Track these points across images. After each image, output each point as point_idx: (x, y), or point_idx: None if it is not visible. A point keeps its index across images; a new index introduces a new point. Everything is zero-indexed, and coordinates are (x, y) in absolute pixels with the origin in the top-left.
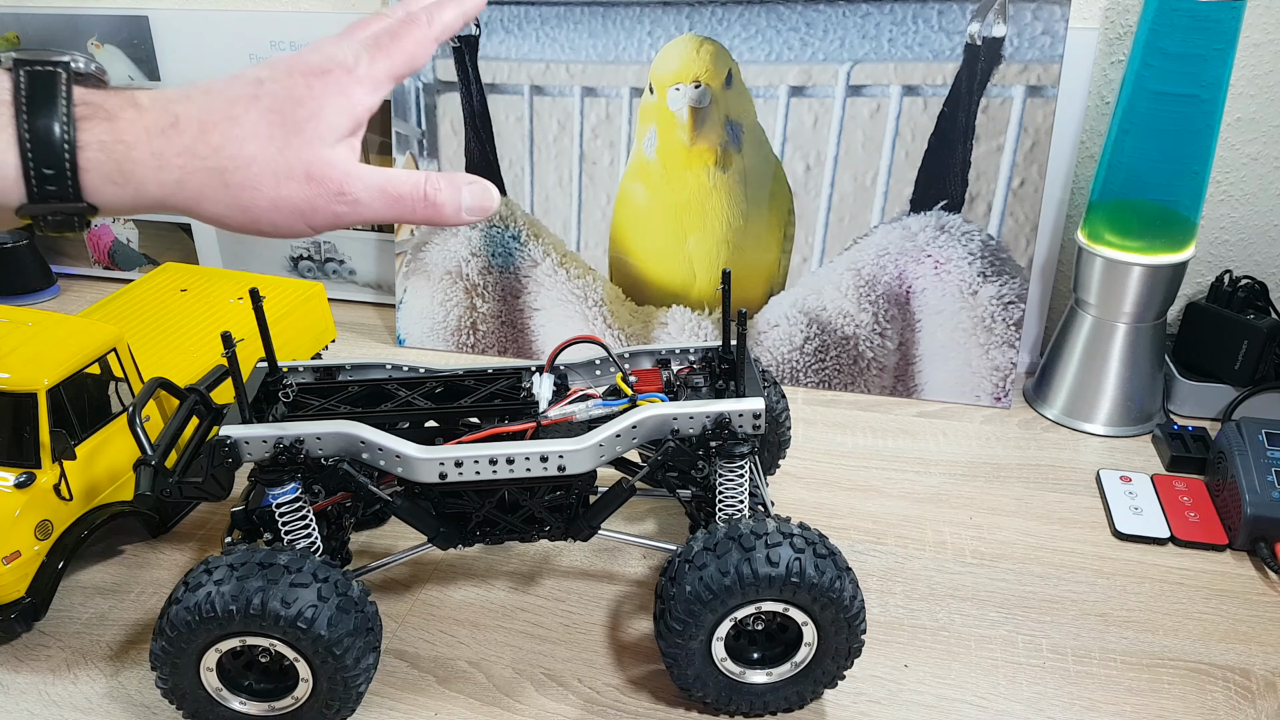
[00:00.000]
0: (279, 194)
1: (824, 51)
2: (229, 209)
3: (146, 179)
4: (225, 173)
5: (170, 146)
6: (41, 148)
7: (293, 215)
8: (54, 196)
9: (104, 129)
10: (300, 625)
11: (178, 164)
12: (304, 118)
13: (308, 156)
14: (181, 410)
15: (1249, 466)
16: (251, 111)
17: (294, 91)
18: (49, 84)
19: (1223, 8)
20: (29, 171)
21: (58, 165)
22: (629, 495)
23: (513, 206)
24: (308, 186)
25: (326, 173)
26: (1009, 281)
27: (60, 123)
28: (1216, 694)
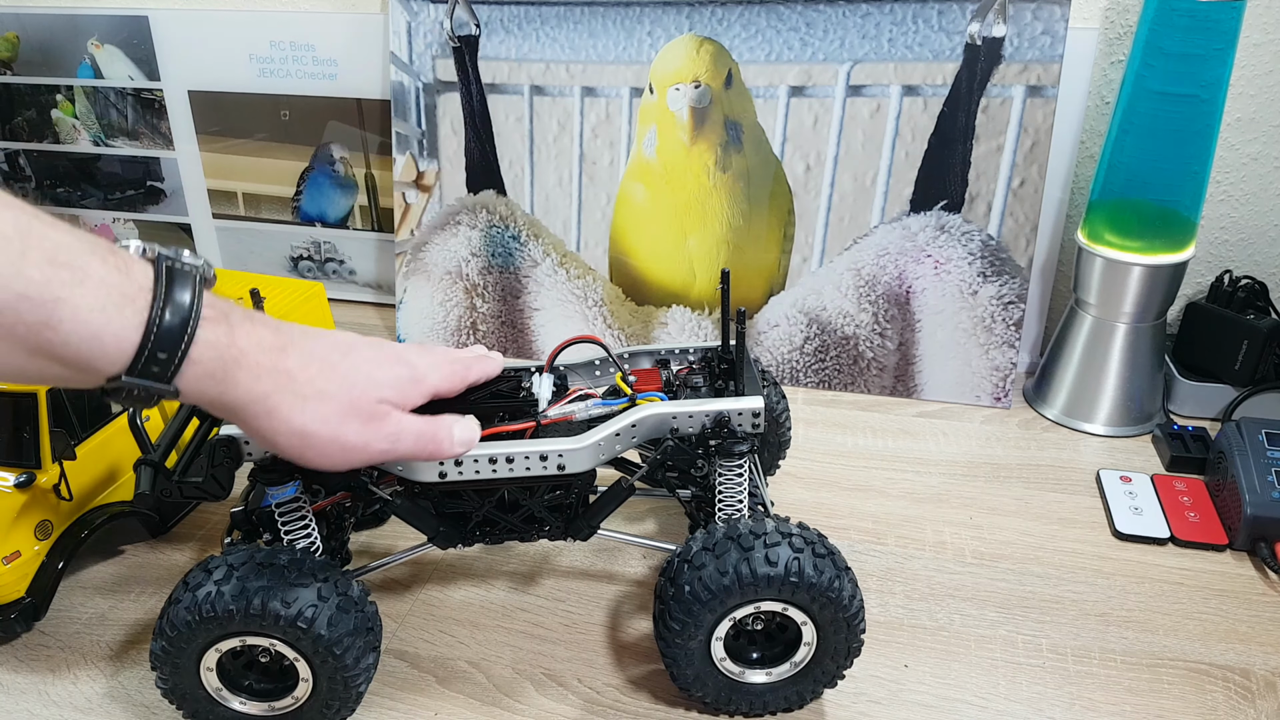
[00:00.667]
0: (341, 430)
1: (824, 51)
2: (290, 433)
3: (240, 383)
4: (307, 401)
5: (275, 364)
6: (164, 335)
7: (342, 450)
8: (153, 377)
9: (223, 332)
10: (300, 625)
11: (274, 381)
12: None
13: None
14: (182, 410)
15: (1249, 466)
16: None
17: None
18: (185, 280)
19: (1223, 8)
20: (143, 352)
21: (171, 352)
22: (628, 495)
23: (513, 206)
24: (366, 427)
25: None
26: (1009, 281)
27: (187, 318)
28: (1216, 694)
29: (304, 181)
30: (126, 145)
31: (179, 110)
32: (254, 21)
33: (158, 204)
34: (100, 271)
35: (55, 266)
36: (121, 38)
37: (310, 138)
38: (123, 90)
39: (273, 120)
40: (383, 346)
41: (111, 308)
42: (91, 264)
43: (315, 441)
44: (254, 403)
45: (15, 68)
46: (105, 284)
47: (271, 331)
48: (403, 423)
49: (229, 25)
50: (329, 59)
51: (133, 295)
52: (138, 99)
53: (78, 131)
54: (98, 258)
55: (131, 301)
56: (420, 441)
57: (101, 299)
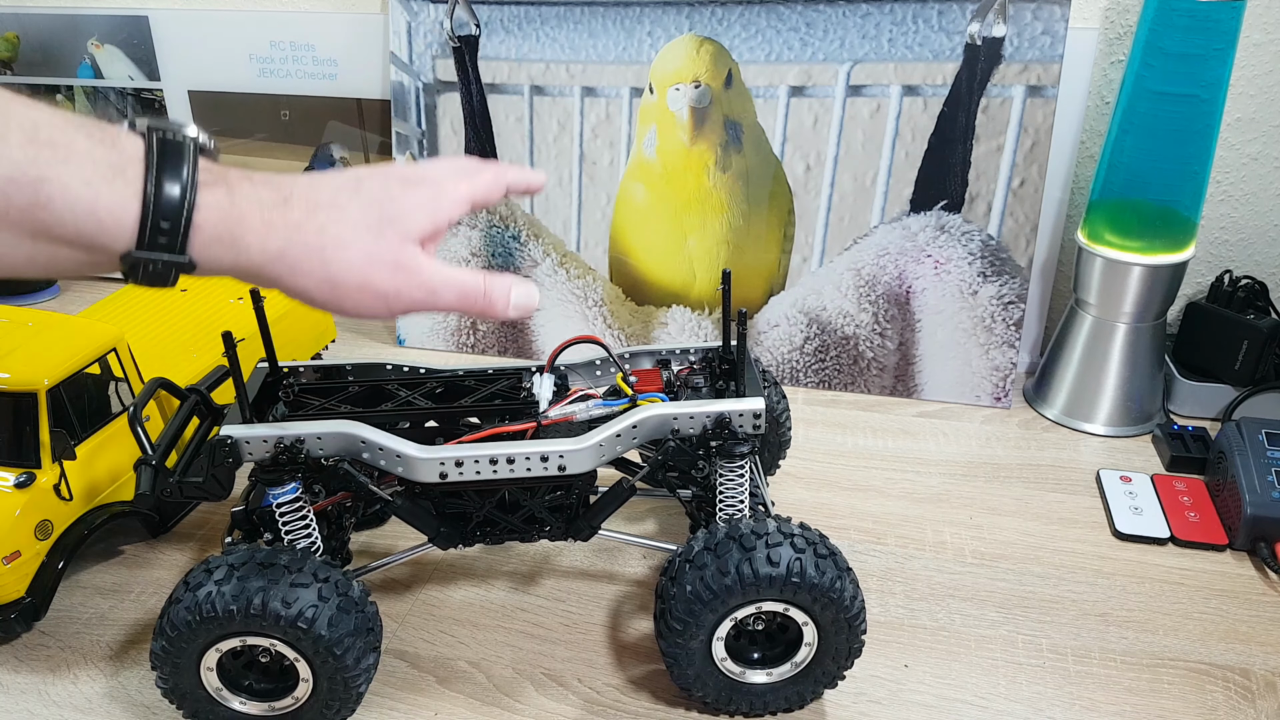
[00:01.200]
0: (368, 277)
1: (824, 51)
2: (320, 284)
3: (251, 245)
4: (325, 249)
5: (281, 219)
6: (163, 202)
7: (376, 298)
8: (162, 248)
9: (222, 195)
10: (301, 625)
11: (284, 235)
12: (396, 214)
13: (398, 248)
14: (182, 410)
15: (1249, 466)
16: (354, 200)
17: (390, 190)
18: (178, 149)
19: (1223, 8)
20: (146, 223)
21: (174, 220)
22: (629, 495)
23: (513, 206)
24: (396, 274)
25: (414, 264)
26: (1009, 281)
27: (184, 184)
28: (1216, 694)
29: None
30: None
31: (179, 110)
32: (254, 21)
33: None
34: (85, 146)
35: (37, 145)
36: (121, 38)
37: (310, 138)
38: (123, 90)
39: (273, 120)
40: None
41: (100, 181)
42: (76, 139)
43: (346, 291)
44: (271, 262)
45: (15, 68)
46: (92, 157)
47: (271, 188)
48: (443, 272)
49: (229, 25)
50: (329, 59)
51: (122, 166)
52: (138, 99)
53: None
54: (83, 133)
55: (121, 173)
56: (466, 297)
57: (89, 173)
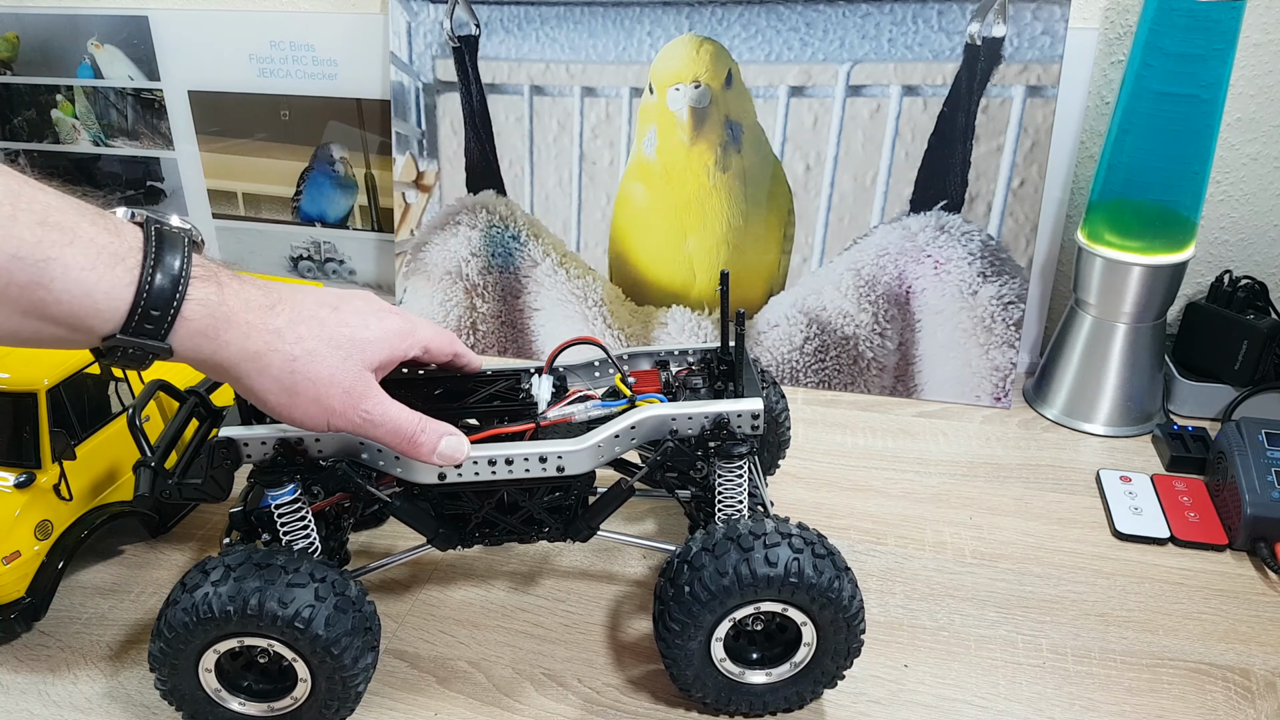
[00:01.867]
0: (325, 393)
1: (824, 51)
2: (280, 390)
3: (231, 342)
4: (296, 360)
5: (265, 323)
6: (157, 293)
7: (322, 412)
8: (146, 335)
9: (213, 291)
10: (298, 625)
11: (264, 339)
12: (366, 340)
13: (357, 373)
14: (181, 412)
15: (1249, 466)
16: (333, 318)
17: (366, 317)
18: (174, 241)
19: (1223, 8)
20: (136, 311)
21: (163, 310)
22: (628, 496)
23: (513, 206)
24: (347, 396)
25: (364, 391)
26: (1009, 281)
27: (177, 277)
28: (1216, 694)
29: (304, 181)
30: (126, 145)
31: (179, 110)
32: (254, 21)
33: (158, 204)
34: (90, 232)
35: (46, 228)
36: (121, 38)
37: (310, 138)
38: (123, 90)
39: (272, 120)
40: (370, 299)
41: (103, 266)
42: (81, 225)
43: (299, 401)
44: (245, 361)
45: (15, 68)
46: (95, 244)
47: (260, 291)
48: (385, 409)
49: (229, 25)
50: (329, 59)
51: (123, 255)
52: (138, 99)
53: (78, 131)
54: (87, 219)
55: (122, 260)
56: (396, 438)
57: (92, 258)
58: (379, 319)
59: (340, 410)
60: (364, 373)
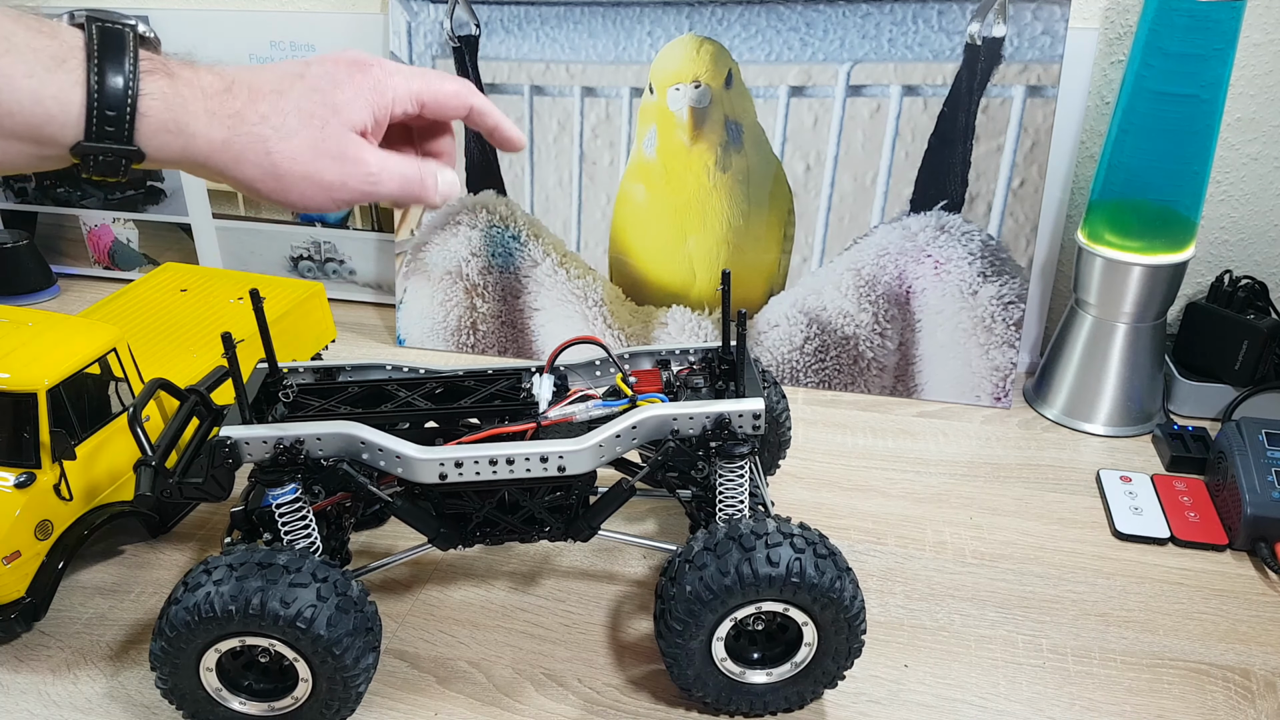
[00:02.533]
0: (313, 167)
1: (824, 51)
2: (265, 174)
3: (197, 132)
4: (268, 140)
5: (222, 107)
6: (107, 91)
7: (320, 189)
8: (110, 138)
9: (165, 83)
10: (299, 625)
11: (227, 124)
12: (342, 101)
13: (341, 138)
14: (182, 411)
15: (1249, 466)
16: (297, 87)
17: (336, 75)
18: (119, 38)
19: (1223, 8)
20: (92, 112)
21: (119, 108)
22: (629, 496)
23: (513, 206)
24: (341, 165)
25: (358, 154)
26: (1009, 281)
27: (126, 72)
28: (1216, 694)
29: None
30: None
31: None
32: (254, 21)
33: (158, 204)
34: (25, 37)
35: None
36: None
37: None
38: None
39: None
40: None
41: (42, 70)
42: (16, 32)
43: (290, 181)
44: (216, 152)
45: None
46: (32, 48)
47: (214, 75)
48: (385, 162)
49: (229, 25)
50: None
51: (63, 56)
52: None
53: None
54: (21, 25)
55: (63, 63)
56: (405, 185)
57: (30, 63)
58: (349, 76)
59: (339, 181)
60: (349, 135)
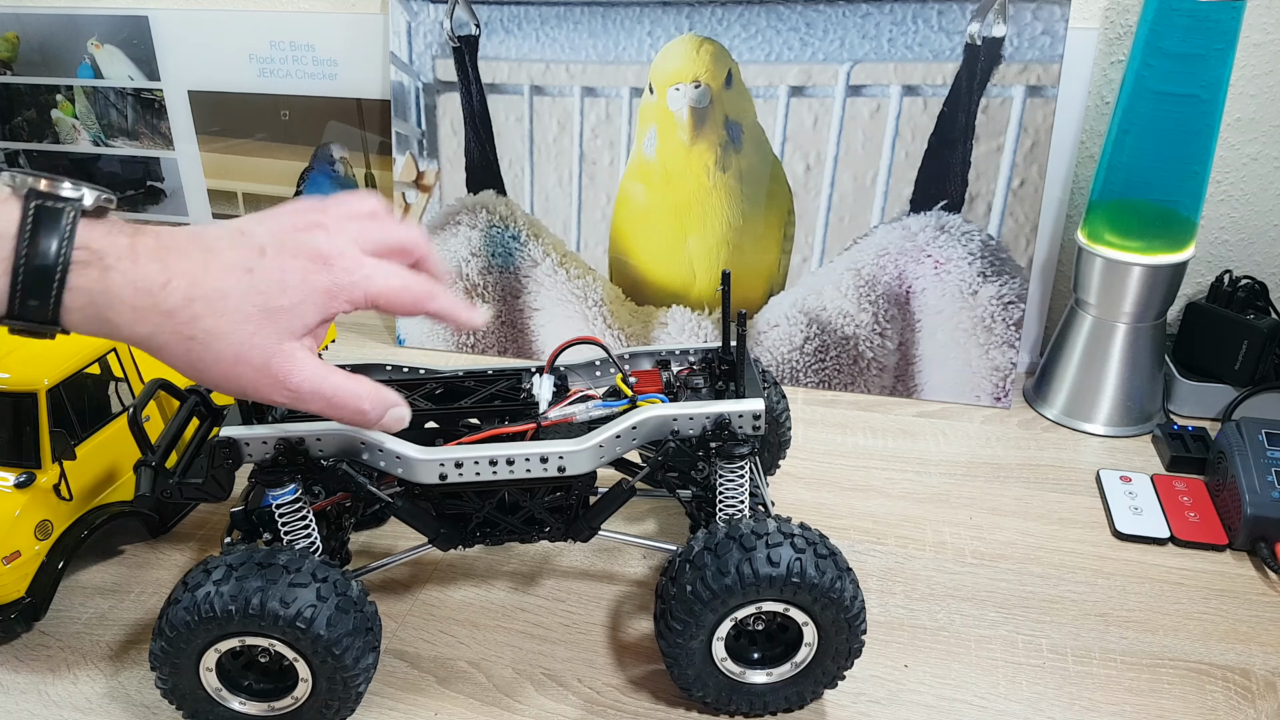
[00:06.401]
0: (233, 370)
1: (824, 51)
2: (184, 367)
3: (120, 327)
4: (193, 340)
5: (154, 305)
6: (32, 283)
7: (236, 389)
8: (32, 317)
9: (95, 278)
10: (299, 625)
11: (154, 322)
12: (283, 307)
13: (271, 346)
14: (182, 411)
15: (1249, 466)
16: (243, 283)
17: (286, 276)
18: (54, 222)
19: (1223, 8)
20: (14, 297)
21: (42, 299)
22: (629, 496)
23: (513, 206)
24: (261, 372)
25: (283, 366)
26: (1009, 281)
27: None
28: (1216, 694)
29: (304, 181)
30: (126, 145)
31: (179, 110)
32: (254, 21)
33: (158, 204)
34: None
35: None
36: (121, 38)
37: (310, 138)
38: (123, 90)
39: (273, 120)
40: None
41: None
42: None
43: (208, 378)
44: (140, 342)
45: (15, 68)
46: None
47: (158, 265)
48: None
49: (229, 25)
50: (329, 59)
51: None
52: (138, 99)
53: (78, 131)
54: None
55: None
56: (335, 408)
57: None
58: (302, 277)
59: (254, 387)
60: (281, 344)
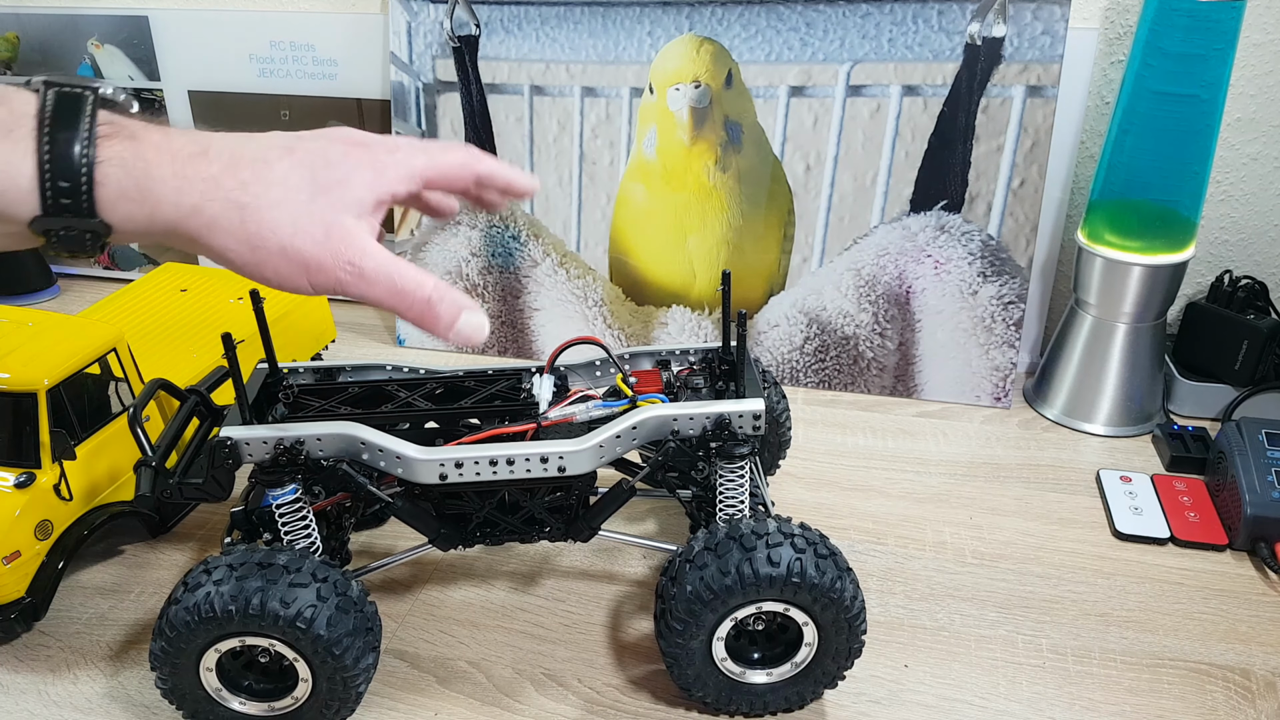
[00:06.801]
0: (292, 243)
1: (824, 51)
2: (239, 244)
3: (164, 198)
4: (245, 208)
5: (196, 171)
6: (59, 160)
7: (297, 268)
8: (68, 210)
9: (125, 146)
10: (299, 625)
11: (199, 189)
12: (333, 180)
13: (330, 218)
14: (182, 411)
15: (1249, 466)
16: (285, 159)
17: (329, 153)
18: (74, 103)
19: (1223, 8)
20: (45, 183)
21: (73, 178)
22: (629, 496)
23: (513, 206)
24: (322, 245)
25: (344, 237)
26: (1009, 281)
27: (81, 138)
28: (1216, 694)
29: None
30: None
31: (179, 110)
32: (254, 21)
33: None
34: None
35: None
36: (121, 38)
37: None
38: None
39: (273, 120)
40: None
41: None
42: None
43: (265, 254)
44: (186, 218)
45: (15, 68)
46: None
47: (188, 139)
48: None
49: (229, 25)
50: (329, 59)
51: (11, 125)
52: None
53: None
54: None
55: (10, 133)
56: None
57: None
58: (344, 154)
59: (317, 261)
60: (340, 217)
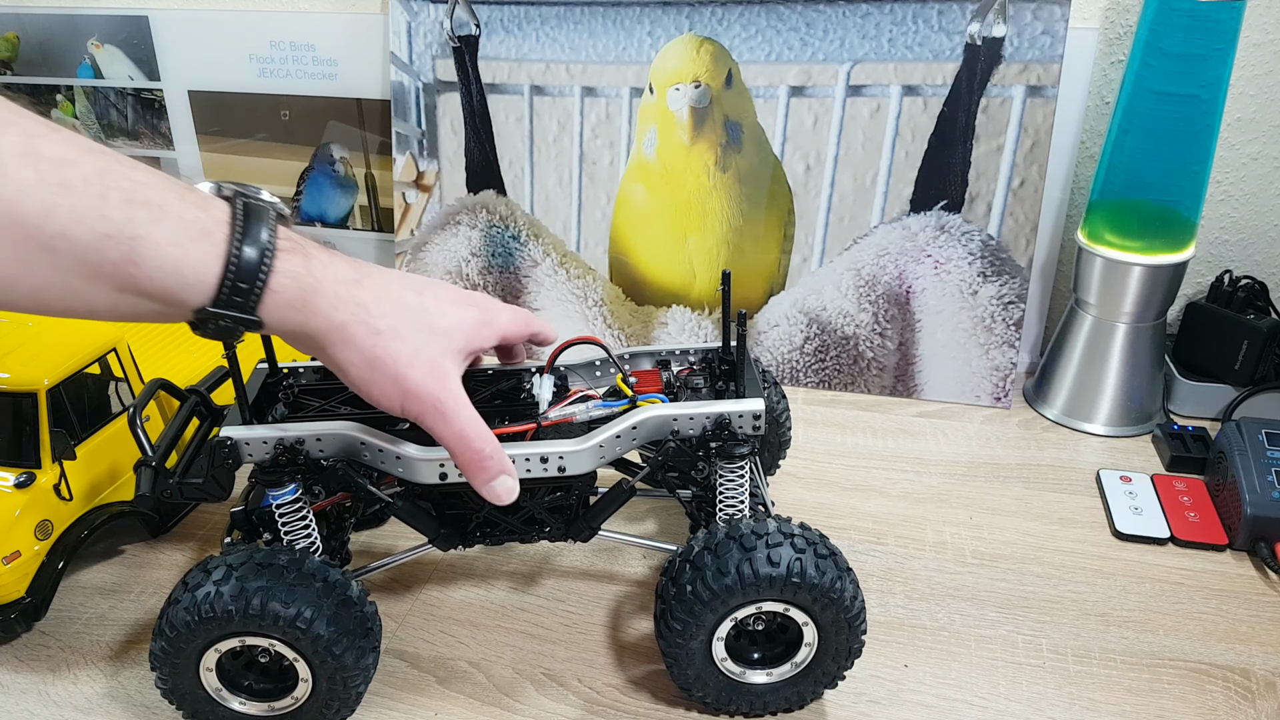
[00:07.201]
0: (404, 372)
1: (824, 51)
2: (361, 361)
3: (320, 311)
4: (379, 334)
5: (351, 296)
6: (244, 267)
7: (399, 391)
8: (236, 307)
9: (300, 263)
10: (299, 625)
11: (351, 311)
12: (448, 327)
13: (437, 360)
14: (182, 411)
15: (1249, 466)
16: (414, 304)
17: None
18: (261, 216)
19: (1223, 8)
20: (225, 283)
21: (250, 282)
22: (629, 496)
23: (513, 206)
24: (424, 380)
25: (442, 378)
26: (1009, 281)
27: (263, 247)
28: (1216, 694)
29: (304, 181)
30: (126, 145)
31: (179, 110)
32: (254, 21)
33: None
34: (178, 208)
35: (134, 205)
36: (121, 38)
37: (310, 138)
38: (123, 90)
39: (273, 120)
40: (449, 289)
41: (189, 242)
42: (169, 201)
43: (379, 373)
44: (332, 330)
45: (15, 68)
46: (183, 219)
47: (348, 265)
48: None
49: (229, 25)
50: (329, 59)
51: (210, 229)
52: (138, 99)
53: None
54: (175, 195)
55: (209, 235)
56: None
57: (179, 234)
58: (456, 309)
59: (417, 392)
60: (444, 359)
